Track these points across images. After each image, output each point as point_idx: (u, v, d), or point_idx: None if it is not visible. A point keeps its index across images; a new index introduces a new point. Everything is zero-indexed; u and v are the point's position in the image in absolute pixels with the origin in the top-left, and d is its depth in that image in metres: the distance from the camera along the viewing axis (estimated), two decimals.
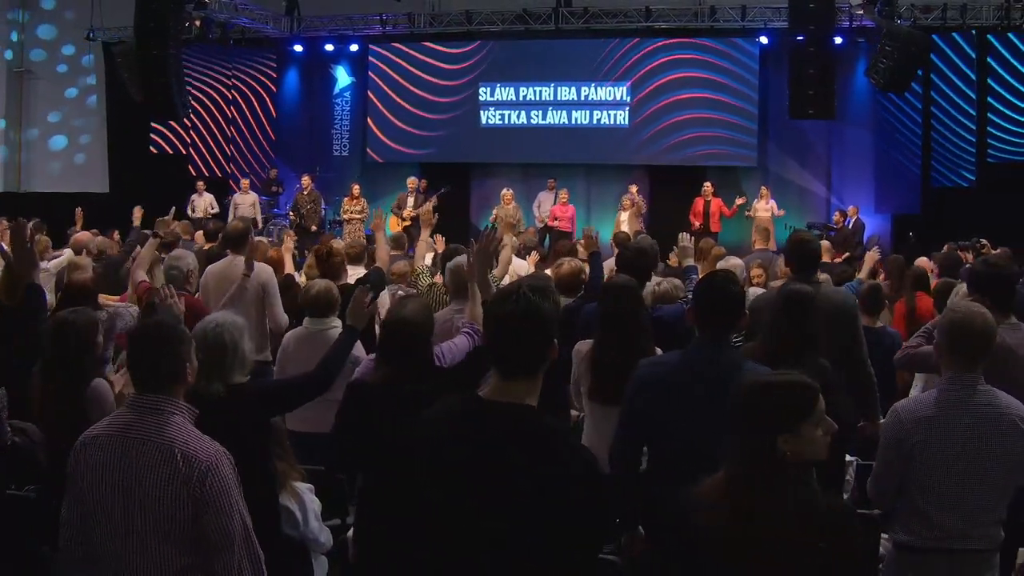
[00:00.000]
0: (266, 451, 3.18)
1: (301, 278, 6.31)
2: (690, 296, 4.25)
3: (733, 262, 5.32)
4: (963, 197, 12.95)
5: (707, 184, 12.78)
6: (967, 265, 5.40)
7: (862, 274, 5.18)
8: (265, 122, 15.50)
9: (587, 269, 5.41)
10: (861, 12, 12.00)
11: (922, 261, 8.02)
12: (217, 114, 15.37)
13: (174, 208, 5.83)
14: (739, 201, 12.51)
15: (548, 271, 6.13)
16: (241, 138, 15.41)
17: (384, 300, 5.10)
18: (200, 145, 15.35)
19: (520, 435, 1.95)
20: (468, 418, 2.01)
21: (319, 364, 3.37)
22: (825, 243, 8.88)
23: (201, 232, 11.40)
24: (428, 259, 6.22)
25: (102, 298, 5.35)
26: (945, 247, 8.95)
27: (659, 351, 3.47)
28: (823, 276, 5.33)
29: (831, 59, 10.43)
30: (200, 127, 15.28)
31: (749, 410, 2.07)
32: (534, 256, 7.76)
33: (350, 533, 3.41)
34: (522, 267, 7.35)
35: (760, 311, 3.81)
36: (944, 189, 13.24)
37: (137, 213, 7.25)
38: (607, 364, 3.43)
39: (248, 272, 4.51)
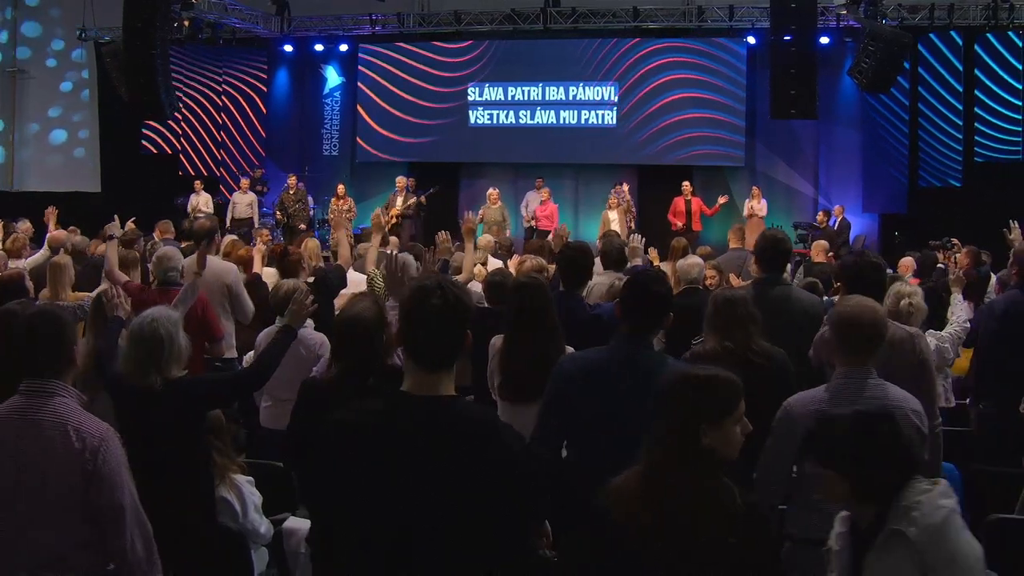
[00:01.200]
0: (202, 444, 3.24)
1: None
2: None
3: (692, 261, 5.36)
4: (950, 197, 12.97)
5: (686, 183, 12.80)
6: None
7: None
8: (255, 122, 15.55)
9: (551, 268, 5.45)
10: (844, 12, 12.02)
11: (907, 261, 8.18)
12: (208, 114, 15.44)
13: (116, 216, 5.86)
14: (722, 200, 12.53)
15: (511, 268, 6.20)
16: (232, 138, 15.47)
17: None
18: (191, 145, 15.42)
19: (455, 425, 2.00)
20: (399, 414, 2.03)
21: (254, 362, 3.44)
22: (823, 243, 8.92)
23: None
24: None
25: (74, 296, 5.43)
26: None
27: (571, 349, 3.50)
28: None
29: (813, 59, 10.44)
30: (191, 127, 15.35)
31: (677, 399, 2.10)
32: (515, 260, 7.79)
33: (285, 524, 3.47)
34: (496, 267, 7.40)
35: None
36: (931, 189, 13.26)
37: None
38: (515, 361, 3.48)
39: (199, 271, 4.57)
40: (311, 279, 5.28)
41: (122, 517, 2.51)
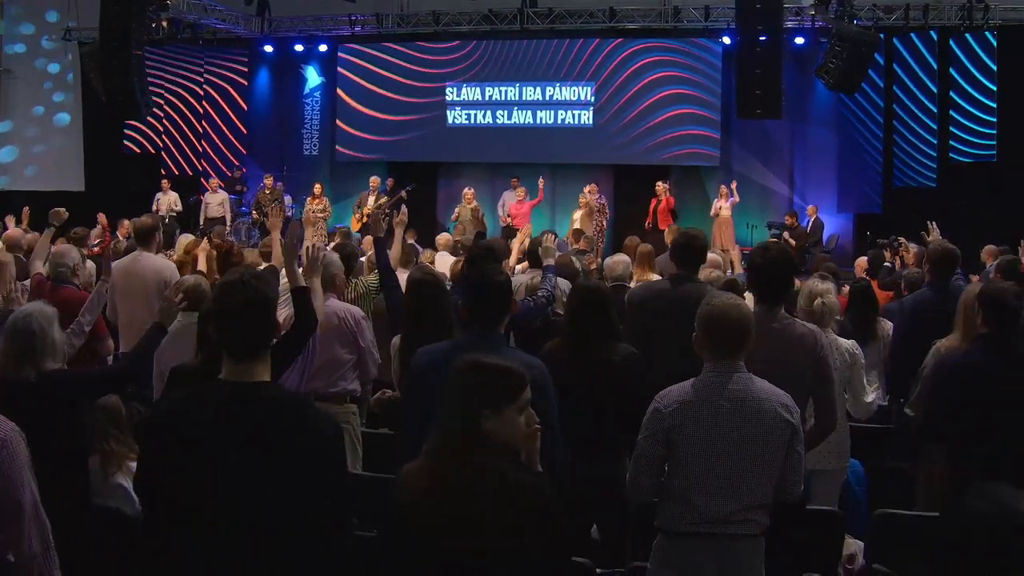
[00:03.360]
0: (76, 433, 3.33)
1: None
2: (539, 295, 4.42)
3: (618, 258, 5.44)
4: (924, 197, 12.97)
5: (659, 184, 12.87)
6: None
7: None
8: (236, 122, 15.64)
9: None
10: (813, 12, 12.07)
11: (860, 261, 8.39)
12: (189, 114, 15.54)
13: (64, 209, 5.95)
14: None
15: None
16: (213, 138, 15.58)
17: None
18: (172, 145, 15.53)
19: (265, 408, 2.11)
20: (212, 400, 2.14)
21: (126, 356, 3.55)
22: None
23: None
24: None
25: None
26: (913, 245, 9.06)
27: None
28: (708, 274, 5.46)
29: (778, 59, 10.49)
30: (172, 127, 15.47)
31: (459, 386, 2.16)
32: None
33: None
34: (445, 264, 7.47)
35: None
36: (906, 189, 13.27)
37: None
38: (409, 355, 3.55)
39: (106, 278, 4.63)
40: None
41: (21, 514, 2.59)
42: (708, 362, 2.73)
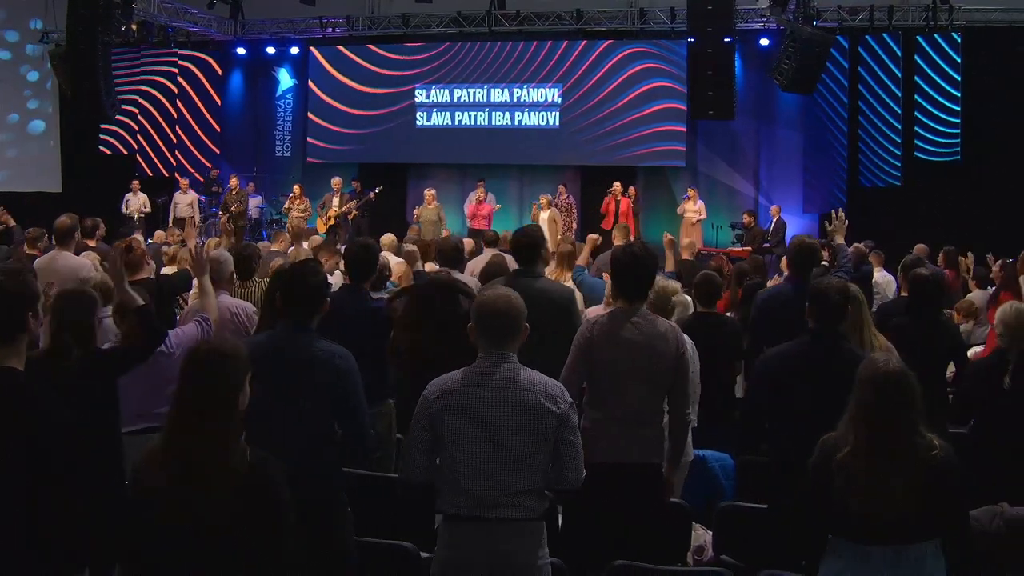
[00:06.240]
0: None
1: None
2: None
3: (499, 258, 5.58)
4: (889, 197, 13.03)
5: (616, 184, 12.96)
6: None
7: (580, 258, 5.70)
8: (210, 123, 15.78)
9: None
10: (768, 14, 12.13)
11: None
12: (165, 114, 15.70)
13: None
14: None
15: None
16: (187, 139, 15.74)
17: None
18: (148, 145, 15.70)
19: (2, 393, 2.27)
20: None
21: None
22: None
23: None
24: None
25: None
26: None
27: None
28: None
29: (730, 60, 10.57)
30: (148, 128, 15.63)
31: (202, 368, 2.29)
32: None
33: None
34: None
35: None
36: (871, 189, 13.32)
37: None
38: None
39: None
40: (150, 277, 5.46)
41: None
42: (481, 351, 2.82)
